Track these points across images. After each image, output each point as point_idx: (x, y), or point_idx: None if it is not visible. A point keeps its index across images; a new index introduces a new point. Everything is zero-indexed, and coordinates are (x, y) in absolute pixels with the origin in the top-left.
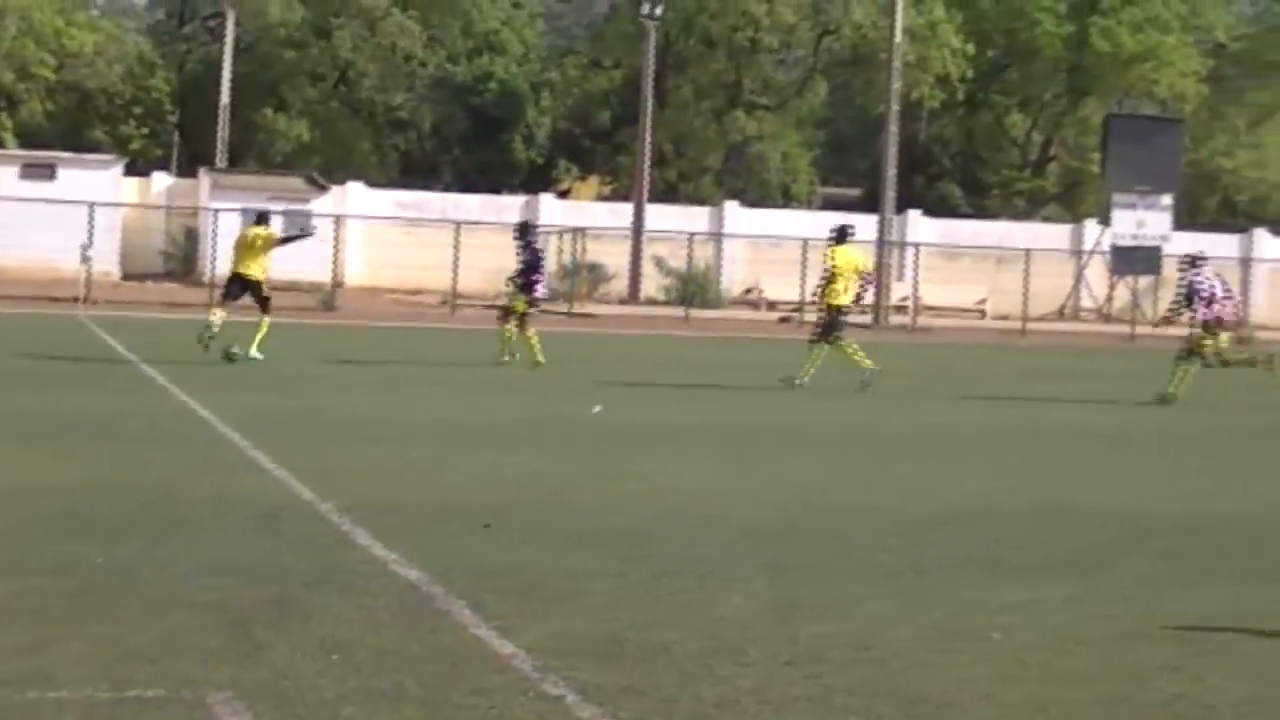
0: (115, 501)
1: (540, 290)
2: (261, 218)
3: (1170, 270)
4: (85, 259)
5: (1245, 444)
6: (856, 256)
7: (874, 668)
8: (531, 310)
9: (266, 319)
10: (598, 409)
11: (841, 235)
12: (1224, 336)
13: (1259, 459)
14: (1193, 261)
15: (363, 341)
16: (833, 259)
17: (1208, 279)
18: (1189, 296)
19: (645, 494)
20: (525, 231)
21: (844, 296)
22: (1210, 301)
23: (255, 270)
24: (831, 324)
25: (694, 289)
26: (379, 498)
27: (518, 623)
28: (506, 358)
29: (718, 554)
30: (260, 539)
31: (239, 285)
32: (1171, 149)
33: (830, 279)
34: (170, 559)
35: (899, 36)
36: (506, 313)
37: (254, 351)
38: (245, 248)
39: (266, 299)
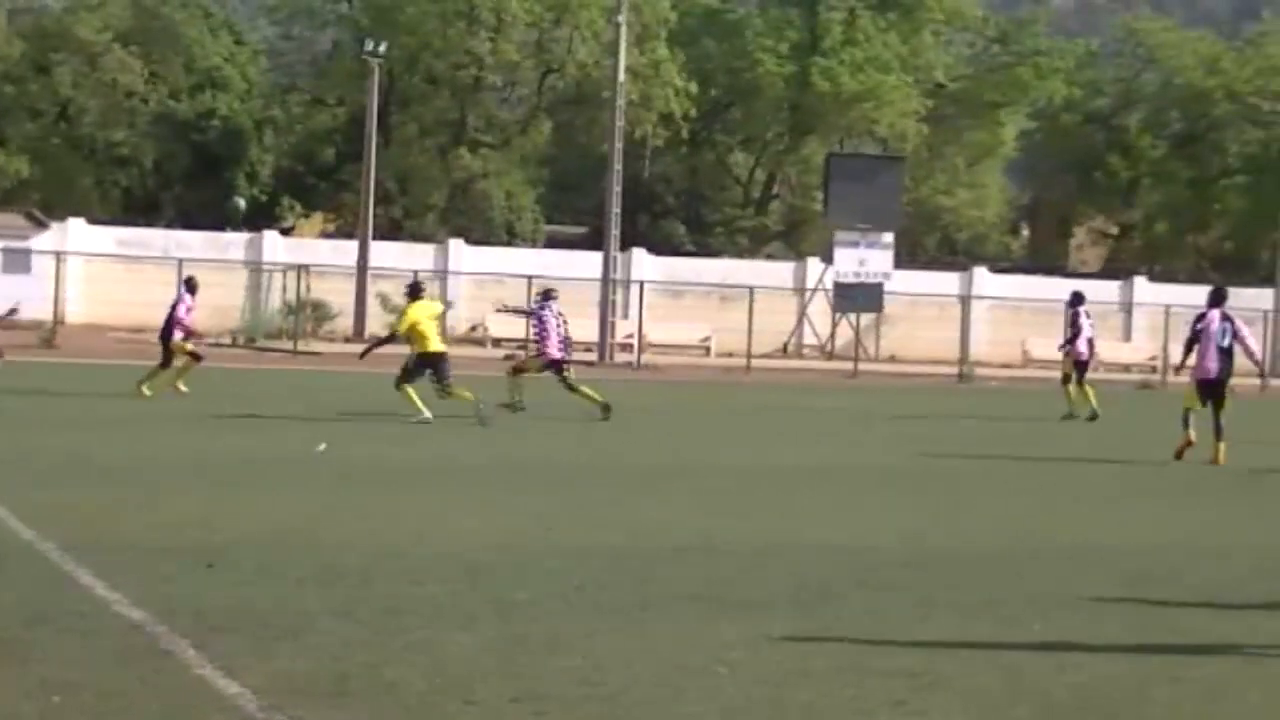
0: None
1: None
2: None
3: (891, 306)
4: None
5: (954, 479)
6: (428, 306)
7: (602, 704)
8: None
9: None
10: (322, 447)
11: (413, 292)
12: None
13: (967, 493)
14: (545, 295)
15: (84, 379)
16: (406, 320)
17: (553, 315)
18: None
19: (371, 532)
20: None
21: (434, 344)
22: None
23: None
24: (413, 369)
25: None
26: (101, 537)
27: (242, 662)
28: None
29: (444, 591)
30: None
31: None
32: (892, 188)
33: (410, 332)
34: None
35: (622, 75)
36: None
37: None
38: None
39: None
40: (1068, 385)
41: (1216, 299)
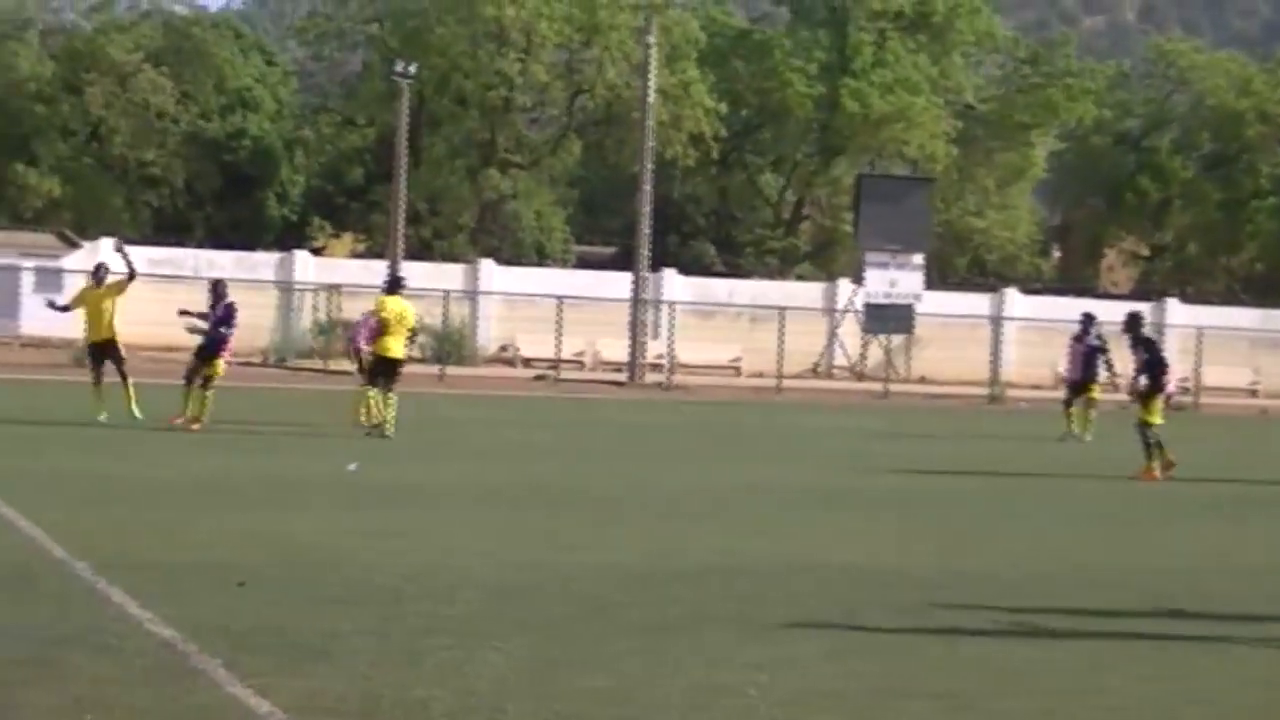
0: None
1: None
2: None
3: (922, 328)
4: None
5: (981, 500)
6: (404, 307)
7: None
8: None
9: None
10: (353, 467)
11: (392, 285)
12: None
13: (994, 515)
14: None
15: (115, 399)
16: (381, 309)
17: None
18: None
19: (400, 552)
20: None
21: (396, 348)
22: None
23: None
24: (376, 369)
25: (449, 346)
26: (133, 556)
27: (273, 681)
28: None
29: (473, 612)
30: (12, 598)
31: None
32: (922, 209)
33: (381, 329)
34: None
35: (652, 96)
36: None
37: None
38: None
39: None
40: (1091, 410)
41: (1140, 324)
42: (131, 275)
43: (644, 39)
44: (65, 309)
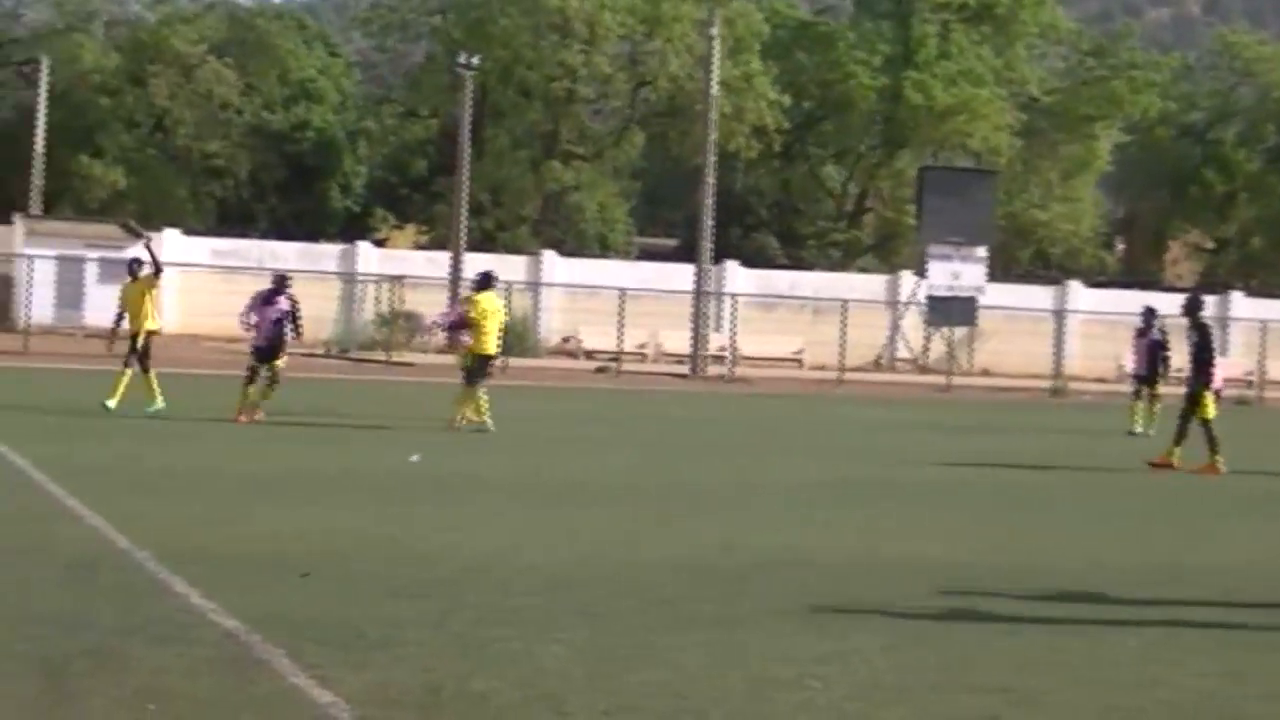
0: None
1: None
2: None
3: (985, 320)
4: None
5: (1041, 494)
6: (497, 305)
7: (693, 717)
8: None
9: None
10: (415, 458)
11: (484, 282)
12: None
13: (1054, 509)
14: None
15: (178, 390)
16: (475, 307)
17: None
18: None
19: (460, 544)
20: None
21: (490, 345)
22: None
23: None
24: (477, 370)
25: (512, 338)
26: (195, 547)
27: (336, 672)
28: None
29: (534, 604)
30: (75, 588)
31: None
32: (985, 201)
33: (475, 326)
34: None
35: (715, 88)
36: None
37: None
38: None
39: None
40: (1155, 404)
41: (1199, 306)
42: (157, 271)
43: (707, 31)
44: (120, 316)
